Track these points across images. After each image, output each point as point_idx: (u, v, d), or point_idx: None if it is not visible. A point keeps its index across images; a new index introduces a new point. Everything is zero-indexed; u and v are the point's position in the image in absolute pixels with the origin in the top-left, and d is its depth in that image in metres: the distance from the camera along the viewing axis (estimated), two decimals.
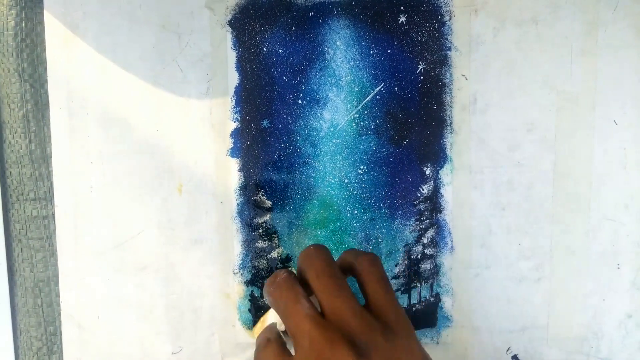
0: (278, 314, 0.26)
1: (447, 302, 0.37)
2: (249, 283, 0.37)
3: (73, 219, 0.37)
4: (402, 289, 0.37)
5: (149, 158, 0.37)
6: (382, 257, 0.37)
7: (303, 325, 0.24)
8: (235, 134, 0.37)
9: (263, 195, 0.37)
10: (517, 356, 0.37)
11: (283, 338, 0.28)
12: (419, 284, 0.37)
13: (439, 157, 0.36)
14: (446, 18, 0.35)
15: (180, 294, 0.38)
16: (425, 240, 0.37)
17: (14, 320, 0.38)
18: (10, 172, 0.37)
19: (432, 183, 0.36)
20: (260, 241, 0.37)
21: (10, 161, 0.37)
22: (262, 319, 0.29)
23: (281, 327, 0.29)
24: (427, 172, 0.36)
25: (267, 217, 0.37)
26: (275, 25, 0.36)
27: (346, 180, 0.36)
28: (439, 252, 0.37)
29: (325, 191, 0.37)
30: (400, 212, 0.36)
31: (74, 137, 0.37)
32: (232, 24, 0.36)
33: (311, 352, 0.24)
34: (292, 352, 0.27)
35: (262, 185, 0.37)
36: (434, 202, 0.36)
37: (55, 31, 0.36)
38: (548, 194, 0.36)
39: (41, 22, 0.36)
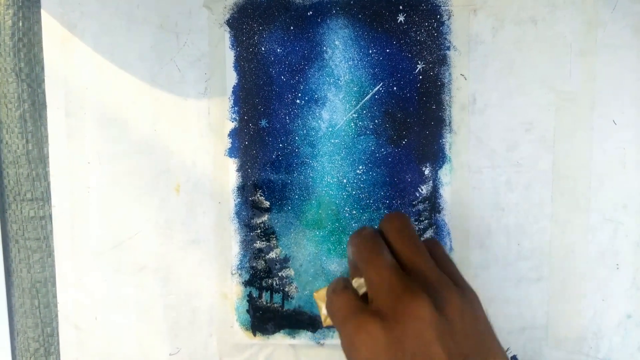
0: (360, 263, 0.27)
1: None
2: (247, 283, 0.37)
3: (70, 220, 0.37)
4: None
5: (146, 158, 0.37)
6: None
7: (384, 274, 0.25)
8: (233, 134, 0.36)
9: (261, 196, 0.37)
10: (517, 356, 0.37)
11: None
12: None
13: (437, 157, 0.36)
14: (445, 17, 0.35)
15: (178, 295, 0.37)
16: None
17: (11, 321, 0.38)
18: (7, 173, 0.37)
19: (430, 183, 0.36)
20: (258, 241, 0.37)
21: (7, 161, 0.37)
22: (326, 287, 0.29)
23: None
24: (426, 172, 0.36)
25: (265, 218, 0.37)
26: (274, 25, 0.36)
27: (345, 181, 0.36)
28: None
29: (323, 191, 0.36)
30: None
31: (72, 137, 0.37)
32: (230, 23, 0.36)
33: (389, 299, 0.24)
34: None
35: (260, 186, 0.37)
36: (433, 202, 0.36)
37: (52, 31, 0.36)
38: (547, 194, 0.36)
39: (38, 21, 0.36)
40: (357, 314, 0.25)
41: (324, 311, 0.29)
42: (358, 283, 0.27)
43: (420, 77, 0.36)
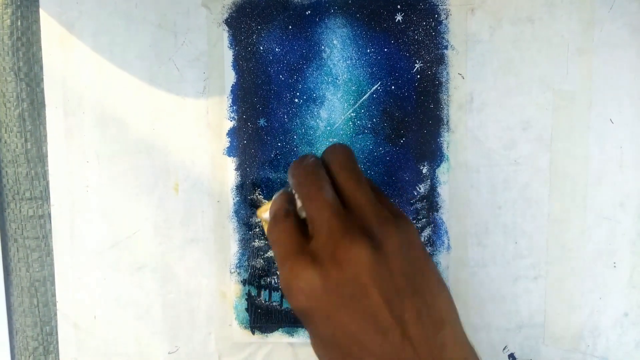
0: (301, 197, 0.27)
1: None
2: (245, 282, 0.37)
3: (69, 219, 0.37)
4: None
5: (145, 157, 0.37)
6: None
7: (324, 212, 0.25)
8: (231, 133, 0.37)
9: (260, 194, 0.37)
10: (514, 354, 0.37)
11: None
12: None
13: (435, 156, 0.36)
14: (443, 17, 0.35)
15: (177, 294, 0.37)
16: (422, 239, 0.37)
17: (10, 320, 0.38)
18: (6, 172, 0.37)
19: (428, 182, 0.36)
20: (256, 240, 0.37)
21: (6, 160, 0.37)
22: (273, 199, 0.29)
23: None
24: (424, 170, 0.36)
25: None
26: (272, 24, 0.36)
27: None
28: (435, 251, 0.37)
29: None
30: None
31: (70, 136, 0.37)
32: (228, 22, 0.36)
33: (329, 240, 0.24)
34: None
35: (259, 184, 0.37)
36: (431, 200, 0.36)
37: (51, 30, 0.36)
38: (544, 192, 0.36)
39: (37, 20, 0.36)
40: (296, 254, 0.25)
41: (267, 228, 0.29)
42: (300, 208, 0.27)
43: (418, 76, 0.36)
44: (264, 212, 0.29)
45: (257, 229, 0.37)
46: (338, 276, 0.24)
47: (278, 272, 0.26)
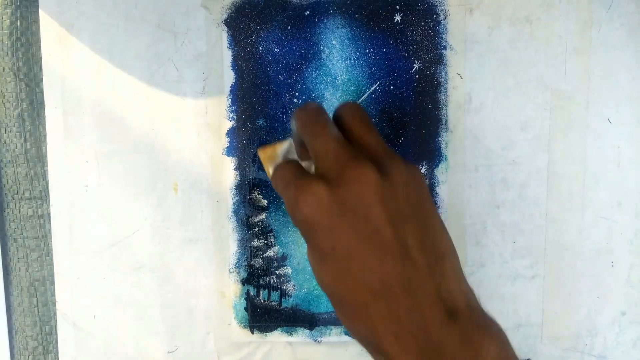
0: (305, 136, 0.27)
1: None
2: (244, 282, 0.37)
3: (68, 218, 0.37)
4: None
5: (144, 157, 0.37)
6: None
7: (330, 144, 0.25)
8: (231, 132, 0.37)
9: (259, 194, 0.37)
10: None
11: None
12: None
13: (434, 156, 0.36)
14: (441, 17, 0.36)
15: (176, 293, 0.38)
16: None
17: (10, 319, 0.38)
18: (6, 172, 0.37)
19: (427, 181, 0.36)
20: (256, 240, 0.37)
21: (5, 160, 0.37)
22: (274, 145, 0.30)
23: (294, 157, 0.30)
24: (423, 170, 0.36)
25: (262, 216, 0.37)
26: (271, 24, 0.36)
27: None
28: None
29: None
30: None
31: (69, 136, 0.37)
32: (227, 23, 0.36)
33: (335, 166, 0.24)
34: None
35: (258, 184, 0.37)
36: None
37: (50, 30, 0.36)
38: (542, 192, 0.36)
39: (36, 21, 0.36)
40: (301, 177, 0.25)
41: (270, 170, 0.29)
42: (306, 165, 0.27)
43: (417, 76, 0.36)
44: (267, 155, 0.30)
45: (256, 229, 0.37)
46: (344, 193, 0.24)
47: (284, 202, 0.26)
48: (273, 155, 0.31)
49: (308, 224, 0.24)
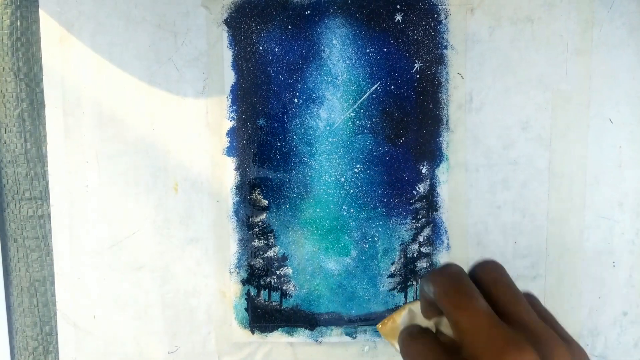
0: (446, 306, 0.24)
1: None
2: (245, 282, 0.37)
3: (69, 219, 0.37)
4: (399, 287, 0.37)
5: (144, 157, 0.37)
6: (378, 255, 0.37)
7: (480, 321, 0.22)
8: (231, 132, 0.37)
9: (259, 194, 0.37)
10: None
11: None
12: (415, 283, 0.37)
13: (435, 156, 0.36)
14: (442, 17, 0.35)
15: (176, 293, 0.37)
16: (421, 239, 0.37)
17: (10, 319, 0.38)
18: (6, 172, 0.37)
19: (428, 181, 0.36)
20: (256, 240, 0.37)
21: (5, 160, 0.37)
22: (392, 316, 0.27)
23: (423, 323, 0.27)
24: (423, 170, 0.36)
25: (263, 216, 0.37)
26: (272, 24, 0.36)
27: (342, 179, 0.36)
28: (435, 251, 0.37)
29: (321, 190, 0.37)
30: (396, 210, 0.36)
31: (70, 136, 0.37)
32: (228, 22, 0.36)
33: (489, 352, 0.21)
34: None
35: (258, 184, 0.37)
36: (430, 200, 0.36)
37: (50, 30, 0.36)
38: (543, 192, 0.36)
39: (36, 21, 0.36)
40: None
41: (397, 346, 0.27)
42: (434, 322, 0.25)
43: (418, 76, 0.36)
44: (387, 330, 0.28)
45: (257, 229, 0.37)
46: None
47: None
48: (394, 328, 0.28)
49: None
